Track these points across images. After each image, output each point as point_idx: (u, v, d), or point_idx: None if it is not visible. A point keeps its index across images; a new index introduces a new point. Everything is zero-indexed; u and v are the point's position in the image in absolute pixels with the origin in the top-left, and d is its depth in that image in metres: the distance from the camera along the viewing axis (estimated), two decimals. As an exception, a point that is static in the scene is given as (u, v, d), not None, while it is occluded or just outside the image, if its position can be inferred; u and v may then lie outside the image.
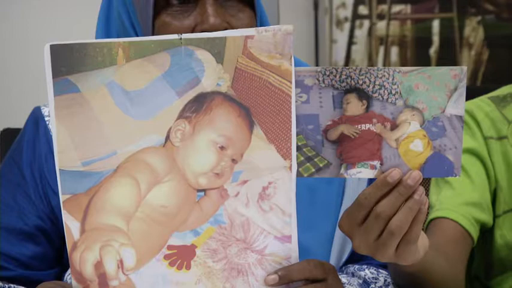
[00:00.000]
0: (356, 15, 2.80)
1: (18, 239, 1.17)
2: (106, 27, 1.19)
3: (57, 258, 1.20)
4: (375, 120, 0.97)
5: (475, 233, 1.37)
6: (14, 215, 1.18)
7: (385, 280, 1.20)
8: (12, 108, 2.53)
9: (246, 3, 1.13)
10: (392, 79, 0.96)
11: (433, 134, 0.97)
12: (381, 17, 2.78)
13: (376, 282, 1.18)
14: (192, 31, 1.08)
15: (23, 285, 1.16)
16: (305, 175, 0.97)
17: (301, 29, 2.76)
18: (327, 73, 0.96)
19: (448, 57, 2.70)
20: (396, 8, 2.78)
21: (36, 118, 1.21)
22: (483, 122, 1.43)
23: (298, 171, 0.97)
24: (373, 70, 0.96)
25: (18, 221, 1.17)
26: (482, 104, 1.46)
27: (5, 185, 1.20)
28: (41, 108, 1.22)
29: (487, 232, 1.42)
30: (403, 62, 2.75)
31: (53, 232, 1.18)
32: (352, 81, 0.96)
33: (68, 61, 0.95)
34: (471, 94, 1.41)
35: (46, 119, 1.20)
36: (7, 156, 1.23)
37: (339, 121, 0.97)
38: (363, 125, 0.97)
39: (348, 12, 2.80)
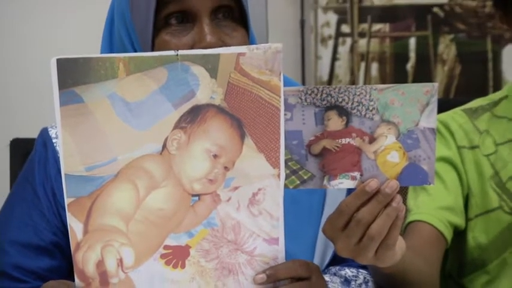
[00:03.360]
0: (339, 33, 2.81)
1: (35, 254, 1.16)
2: (109, 45, 1.18)
3: (71, 270, 1.19)
4: (354, 135, 0.97)
5: (449, 235, 1.37)
6: (30, 231, 1.16)
7: (365, 278, 1.20)
8: (21, 118, 2.49)
9: (240, 22, 1.12)
10: (370, 96, 0.96)
11: (408, 146, 0.97)
12: (362, 35, 2.79)
13: (356, 280, 1.18)
14: (190, 49, 1.07)
15: None
16: (291, 187, 0.98)
17: (288, 46, 2.75)
18: (309, 92, 0.96)
19: (423, 72, 2.71)
20: (376, 27, 2.79)
21: (45, 140, 1.20)
22: (457, 132, 1.44)
23: (284, 184, 0.97)
24: (352, 88, 0.96)
25: (34, 237, 1.16)
26: (456, 115, 1.46)
27: (20, 203, 1.19)
28: (48, 130, 1.21)
29: (460, 234, 1.42)
30: (383, 76, 2.76)
31: (66, 246, 1.14)
32: (332, 99, 0.96)
33: (73, 74, 0.94)
34: (445, 106, 1.43)
35: (54, 140, 1.18)
36: (21, 175, 1.22)
37: (321, 136, 0.97)
38: (343, 139, 0.97)
39: (331, 31, 2.81)
